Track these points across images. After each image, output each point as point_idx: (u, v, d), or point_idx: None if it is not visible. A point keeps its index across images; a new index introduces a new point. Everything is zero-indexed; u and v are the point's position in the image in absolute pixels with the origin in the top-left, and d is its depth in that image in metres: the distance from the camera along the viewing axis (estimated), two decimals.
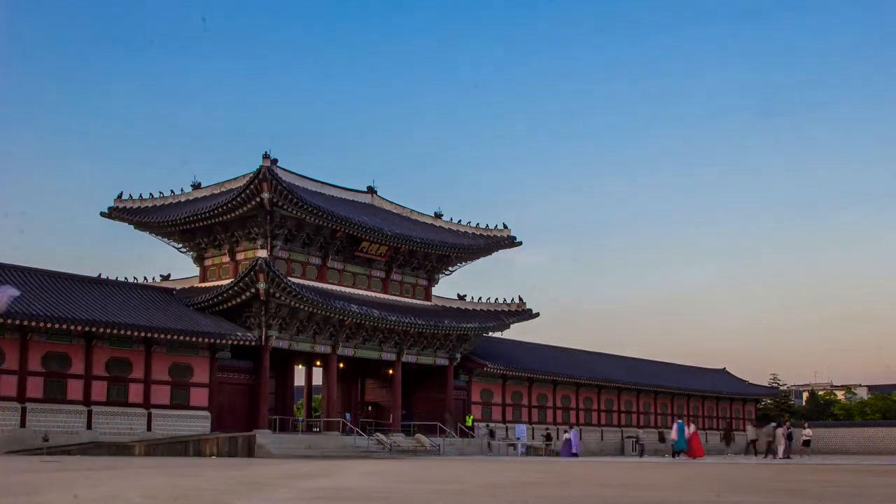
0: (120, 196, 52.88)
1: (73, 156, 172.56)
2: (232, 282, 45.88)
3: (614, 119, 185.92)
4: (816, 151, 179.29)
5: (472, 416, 57.55)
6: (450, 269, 59.86)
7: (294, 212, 47.20)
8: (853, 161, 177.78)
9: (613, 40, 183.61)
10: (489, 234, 59.83)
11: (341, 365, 53.21)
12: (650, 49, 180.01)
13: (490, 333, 59.45)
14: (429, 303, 58.24)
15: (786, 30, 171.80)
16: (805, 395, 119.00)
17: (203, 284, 51.11)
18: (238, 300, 45.99)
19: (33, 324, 38.29)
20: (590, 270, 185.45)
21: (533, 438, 60.34)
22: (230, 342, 45.35)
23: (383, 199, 60.26)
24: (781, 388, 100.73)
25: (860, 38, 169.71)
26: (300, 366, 55.45)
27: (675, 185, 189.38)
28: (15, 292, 30.47)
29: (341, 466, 29.45)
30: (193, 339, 43.33)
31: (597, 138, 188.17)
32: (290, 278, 46.53)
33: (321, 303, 47.10)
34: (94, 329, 39.96)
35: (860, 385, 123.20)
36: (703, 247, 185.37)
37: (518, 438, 57.86)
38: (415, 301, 57.07)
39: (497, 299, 60.25)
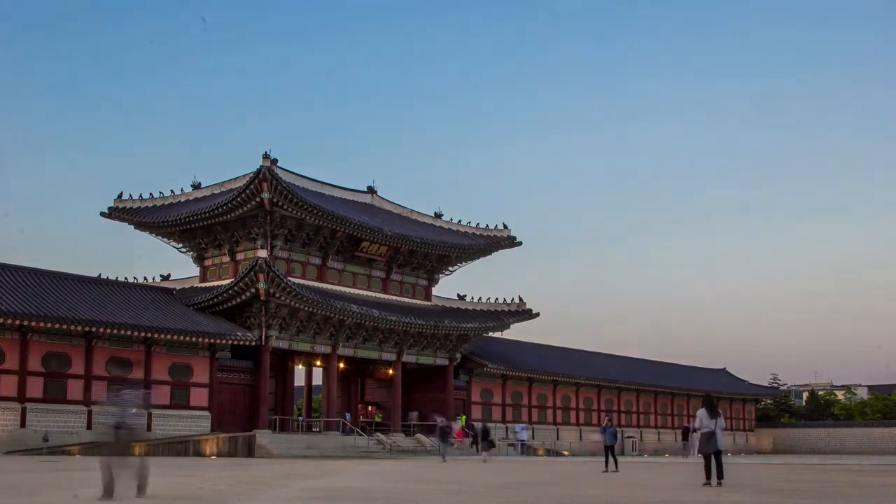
0: (120, 196, 52.88)
1: (74, 156, 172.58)
2: (232, 282, 45.86)
3: (615, 118, 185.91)
4: (817, 154, 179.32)
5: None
6: (450, 269, 59.81)
7: (294, 212, 47.18)
8: (853, 163, 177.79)
9: (614, 39, 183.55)
10: (489, 234, 59.80)
11: (341, 365, 53.20)
12: (653, 48, 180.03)
13: (490, 333, 59.37)
14: (429, 303, 58.20)
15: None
16: (805, 395, 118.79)
17: (203, 284, 51.08)
18: (238, 300, 45.96)
19: (33, 324, 38.26)
20: (590, 270, 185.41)
21: (533, 438, 60.27)
22: (230, 342, 45.33)
23: (383, 199, 60.21)
24: (781, 388, 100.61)
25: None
26: (300, 366, 55.42)
27: (676, 185, 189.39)
28: None
29: (341, 466, 29.45)
30: (193, 339, 43.30)
31: (597, 138, 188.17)
32: (290, 278, 46.50)
33: (321, 303, 47.08)
34: (94, 329, 39.92)
35: (860, 385, 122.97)
36: (702, 247, 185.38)
37: (518, 438, 57.74)
38: (415, 301, 57.04)
39: (497, 299, 60.23)
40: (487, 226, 60.05)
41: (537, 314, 60.24)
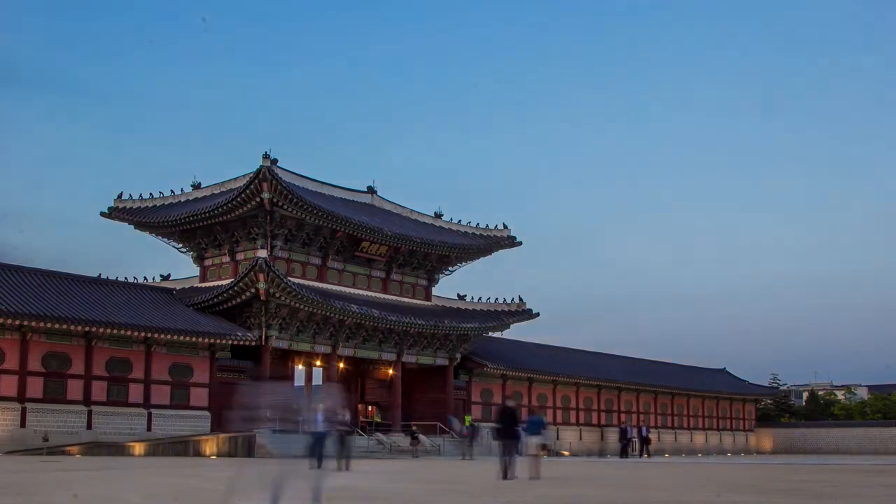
0: (120, 196, 52.85)
1: (73, 155, 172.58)
2: (232, 282, 45.85)
3: (615, 118, 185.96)
4: (816, 156, 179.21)
5: (469, 416, 57.42)
6: (450, 269, 59.76)
7: (294, 212, 47.16)
8: (855, 164, 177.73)
9: (614, 39, 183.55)
10: (489, 234, 59.75)
11: (341, 365, 53.16)
12: (652, 47, 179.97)
13: (490, 333, 59.33)
14: (429, 303, 58.16)
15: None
16: (805, 395, 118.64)
17: (203, 284, 51.06)
18: (238, 300, 45.95)
19: (33, 324, 38.26)
20: (590, 270, 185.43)
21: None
22: (230, 342, 45.30)
23: (383, 199, 60.16)
24: (781, 388, 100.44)
25: None
26: (300, 366, 55.38)
27: (676, 185, 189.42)
28: None
29: None
30: (193, 339, 43.29)
31: (597, 138, 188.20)
32: (290, 278, 46.48)
33: (321, 303, 47.06)
34: (94, 329, 39.92)
35: (860, 385, 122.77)
36: (702, 247, 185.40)
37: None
38: (415, 301, 57.00)
39: (497, 299, 60.16)
40: (487, 226, 60.01)
41: (537, 314, 60.22)
